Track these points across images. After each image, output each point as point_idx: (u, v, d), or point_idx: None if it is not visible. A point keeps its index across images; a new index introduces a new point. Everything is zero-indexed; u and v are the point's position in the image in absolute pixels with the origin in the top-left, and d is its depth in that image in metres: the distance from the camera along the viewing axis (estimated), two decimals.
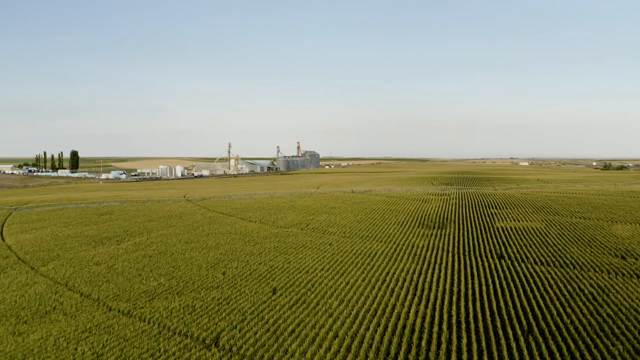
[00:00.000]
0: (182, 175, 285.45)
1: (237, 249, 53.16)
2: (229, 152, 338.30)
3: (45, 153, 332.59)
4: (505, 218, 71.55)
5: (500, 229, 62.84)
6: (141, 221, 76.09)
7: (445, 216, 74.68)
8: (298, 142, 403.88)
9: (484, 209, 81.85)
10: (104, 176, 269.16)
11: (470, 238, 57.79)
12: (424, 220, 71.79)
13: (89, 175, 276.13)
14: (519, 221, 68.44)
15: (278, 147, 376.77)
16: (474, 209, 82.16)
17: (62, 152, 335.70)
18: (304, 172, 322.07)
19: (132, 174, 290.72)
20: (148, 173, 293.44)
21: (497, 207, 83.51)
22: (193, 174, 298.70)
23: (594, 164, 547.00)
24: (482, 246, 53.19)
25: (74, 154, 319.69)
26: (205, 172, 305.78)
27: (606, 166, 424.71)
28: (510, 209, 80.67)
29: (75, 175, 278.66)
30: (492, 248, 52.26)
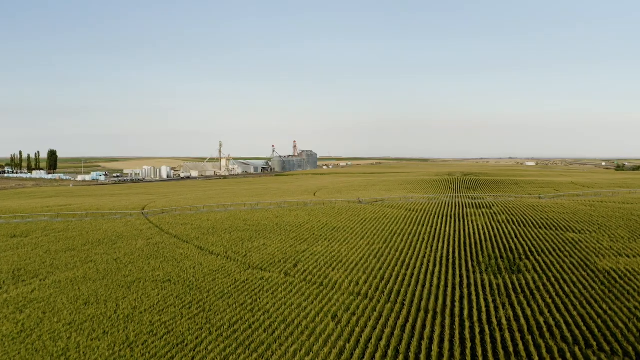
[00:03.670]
0: (167, 177, 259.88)
1: (162, 329, 28.50)
2: (219, 151, 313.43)
3: (20, 153, 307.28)
4: (602, 251, 46.64)
5: (612, 274, 38.14)
6: (54, 250, 51.59)
7: (506, 246, 49.93)
8: (294, 141, 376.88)
9: (554, 231, 57.01)
10: (80, 178, 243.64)
11: (580, 299, 33.05)
12: (477, 253, 47.14)
13: (64, 177, 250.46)
14: (628, 257, 43.73)
15: (273, 146, 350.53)
16: (540, 232, 57.31)
17: (38, 152, 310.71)
18: (300, 173, 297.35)
19: (114, 175, 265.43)
20: (130, 174, 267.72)
21: (570, 228, 58.59)
22: (180, 175, 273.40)
23: (603, 164, 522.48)
24: (613, 321, 28.53)
25: (52, 154, 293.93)
26: (194, 173, 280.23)
27: (619, 167, 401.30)
28: (594, 232, 55.69)
29: (50, 176, 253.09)
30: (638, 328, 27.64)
